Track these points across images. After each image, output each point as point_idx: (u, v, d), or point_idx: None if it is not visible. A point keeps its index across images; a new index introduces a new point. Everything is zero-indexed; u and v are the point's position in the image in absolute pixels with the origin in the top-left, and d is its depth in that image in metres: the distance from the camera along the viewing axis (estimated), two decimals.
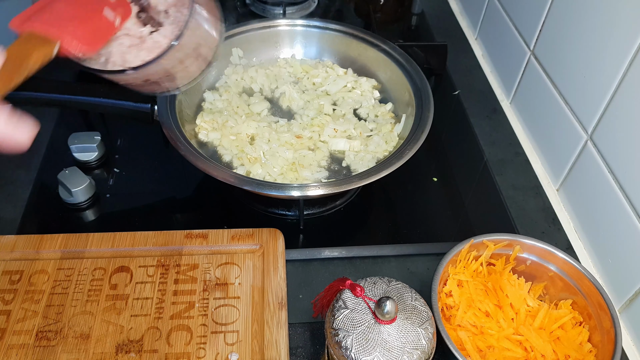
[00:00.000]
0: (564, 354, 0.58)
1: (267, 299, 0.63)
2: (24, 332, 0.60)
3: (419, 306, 0.51)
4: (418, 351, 0.48)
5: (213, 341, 0.60)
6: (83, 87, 0.72)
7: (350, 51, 0.91)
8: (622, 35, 0.66)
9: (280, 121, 0.83)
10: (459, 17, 1.19)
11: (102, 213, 0.77)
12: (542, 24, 0.85)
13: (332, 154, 0.79)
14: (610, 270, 0.71)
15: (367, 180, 0.67)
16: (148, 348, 0.59)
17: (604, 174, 0.71)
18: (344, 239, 0.75)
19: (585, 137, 0.75)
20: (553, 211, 0.80)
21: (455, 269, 0.64)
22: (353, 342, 0.48)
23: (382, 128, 0.82)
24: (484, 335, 0.59)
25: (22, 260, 0.66)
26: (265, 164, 0.75)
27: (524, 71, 0.92)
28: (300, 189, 0.66)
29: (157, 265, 0.66)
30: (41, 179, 0.80)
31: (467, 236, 0.63)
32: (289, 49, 0.94)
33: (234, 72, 0.90)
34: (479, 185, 0.84)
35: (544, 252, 0.64)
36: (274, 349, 0.59)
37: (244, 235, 0.69)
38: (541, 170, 0.87)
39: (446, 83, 1.01)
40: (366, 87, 0.89)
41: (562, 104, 0.80)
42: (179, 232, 0.69)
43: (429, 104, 0.77)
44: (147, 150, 0.86)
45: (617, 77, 0.67)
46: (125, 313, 0.62)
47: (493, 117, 0.95)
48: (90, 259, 0.67)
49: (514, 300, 0.62)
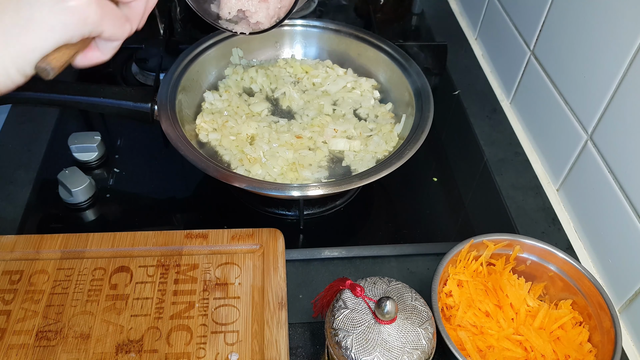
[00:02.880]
0: (564, 354, 0.58)
1: (267, 299, 0.63)
2: (24, 332, 0.60)
3: (419, 306, 0.51)
4: (418, 351, 0.48)
5: (213, 341, 0.60)
6: (83, 87, 0.72)
7: (350, 51, 0.91)
8: (622, 35, 0.66)
9: (281, 121, 0.83)
10: (459, 17, 1.19)
11: (102, 213, 0.77)
12: (542, 24, 0.85)
13: (332, 154, 0.79)
14: (610, 270, 0.71)
15: (367, 180, 0.67)
16: (148, 348, 0.59)
17: (604, 174, 0.71)
18: (344, 239, 0.75)
19: (585, 137, 0.75)
20: (553, 211, 0.80)
21: (455, 269, 0.64)
22: (353, 342, 0.48)
23: (382, 128, 0.82)
24: (484, 335, 0.59)
25: (22, 260, 0.66)
26: (265, 164, 0.75)
27: (524, 71, 0.92)
28: (300, 189, 0.66)
29: (157, 265, 0.66)
30: (41, 179, 0.80)
31: (467, 236, 0.63)
32: (288, 49, 0.94)
33: (234, 72, 0.90)
34: (479, 185, 0.84)
35: (544, 252, 0.64)
36: (274, 349, 0.59)
37: (244, 235, 0.69)
38: (541, 170, 0.87)
39: (446, 83, 1.01)
40: (366, 87, 0.89)
41: (562, 104, 0.80)
42: (179, 232, 0.69)
43: (429, 104, 0.77)
44: (147, 150, 0.86)
45: (617, 77, 0.67)
46: (125, 313, 0.62)
47: (493, 117, 0.95)
48: (90, 259, 0.67)
49: (514, 300, 0.62)
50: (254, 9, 0.63)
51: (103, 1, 0.39)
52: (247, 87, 0.90)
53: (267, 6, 0.63)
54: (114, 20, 0.40)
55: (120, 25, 0.41)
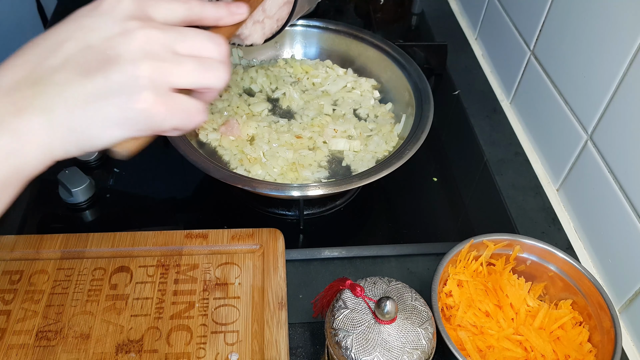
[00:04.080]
0: (564, 354, 0.58)
1: (267, 299, 0.63)
2: (24, 332, 0.60)
3: (419, 306, 0.51)
4: (418, 351, 0.48)
5: (213, 341, 0.60)
6: None
7: (350, 51, 0.91)
8: (622, 35, 0.66)
9: (281, 121, 0.83)
10: (459, 17, 1.19)
11: (102, 213, 0.77)
12: (542, 24, 0.85)
13: (332, 154, 0.79)
14: (610, 270, 0.71)
15: (367, 180, 0.67)
16: (148, 348, 0.59)
17: (604, 174, 0.71)
18: (344, 239, 0.75)
19: (585, 137, 0.75)
20: (553, 211, 0.80)
21: (455, 269, 0.64)
22: (353, 342, 0.48)
23: (382, 128, 0.82)
24: (484, 335, 0.59)
25: (22, 260, 0.66)
26: (265, 164, 0.75)
27: (524, 71, 0.92)
28: (300, 189, 0.66)
29: (157, 265, 0.66)
30: (41, 179, 0.79)
31: (467, 236, 0.63)
32: (289, 49, 0.94)
33: (234, 72, 0.90)
34: (479, 185, 0.84)
35: (544, 252, 0.64)
36: (274, 349, 0.59)
37: (244, 235, 0.69)
38: (541, 170, 0.87)
39: (446, 83, 1.01)
40: (366, 87, 0.89)
41: (562, 104, 0.80)
42: (179, 232, 0.69)
43: (429, 104, 0.77)
44: (147, 150, 0.85)
45: (617, 77, 0.67)
46: (125, 313, 0.62)
47: (493, 117, 0.95)
48: (90, 259, 0.67)
49: (514, 300, 0.62)
50: (248, 32, 0.64)
51: (172, 99, 0.38)
52: (247, 87, 0.90)
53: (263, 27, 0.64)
54: (182, 116, 0.39)
55: (191, 117, 0.40)
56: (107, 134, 0.37)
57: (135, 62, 0.36)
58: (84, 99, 0.36)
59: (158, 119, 0.38)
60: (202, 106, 0.41)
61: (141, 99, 0.36)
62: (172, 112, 0.38)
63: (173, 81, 0.38)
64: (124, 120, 0.37)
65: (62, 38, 0.38)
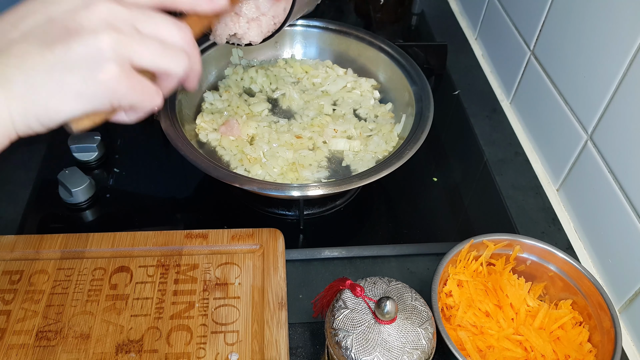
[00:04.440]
0: (564, 354, 0.58)
1: (267, 299, 0.63)
2: (24, 332, 0.60)
3: (419, 306, 0.51)
4: (418, 351, 0.48)
5: (213, 341, 0.60)
6: None
7: (350, 51, 0.91)
8: (622, 35, 0.66)
9: (281, 121, 0.83)
10: (459, 17, 1.19)
11: (102, 213, 0.77)
12: (542, 24, 0.85)
13: (332, 154, 0.79)
14: (610, 270, 0.71)
15: (367, 180, 0.67)
16: (148, 348, 0.59)
17: (604, 174, 0.71)
18: (344, 239, 0.75)
19: (585, 137, 0.75)
20: (553, 211, 0.80)
21: (455, 269, 0.64)
22: (353, 342, 0.48)
23: (382, 128, 0.82)
24: (484, 335, 0.59)
25: (22, 260, 0.66)
26: (265, 165, 0.75)
27: (524, 71, 0.92)
28: (300, 189, 0.66)
29: (157, 265, 0.66)
30: (41, 179, 0.80)
31: (467, 236, 0.63)
32: (288, 49, 0.94)
33: (234, 72, 0.90)
34: (478, 185, 0.84)
35: (544, 252, 0.64)
36: (274, 349, 0.59)
37: (244, 235, 0.69)
38: (541, 170, 0.87)
39: (446, 83, 1.01)
40: (366, 87, 0.89)
41: (562, 104, 0.80)
42: (179, 232, 0.69)
43: (429, 104, 0.77)
44: (147, 150, 0.86)
45: (617, 77, 0.67)
46: (125, 313, 0.62)
47: (493, 117, 0.95)
48: (90, 259, 0.67)
49: (514, 300, 0.62)
50: (243, 31, 0.64)
51: (134, 75, 0.38)
52: (247, 87, 0.90)
53: (259, 25, 0.64)
54: (142, 94, 0.39)
55: (149, 98, 0.40)
56: (67, 107, 0.37)
57: (97, 32, 0.36)
58: (44, 70, 0.36)
59: (119, 93, 0.38)
60: (160, 91, 0.41)
61: (105, 69, 0.36)
62: (133, 88, 0.38)
63: (134, 58, 0.38)
64: (85, 93, 0.37)
65: (24, 13, 0.37)
